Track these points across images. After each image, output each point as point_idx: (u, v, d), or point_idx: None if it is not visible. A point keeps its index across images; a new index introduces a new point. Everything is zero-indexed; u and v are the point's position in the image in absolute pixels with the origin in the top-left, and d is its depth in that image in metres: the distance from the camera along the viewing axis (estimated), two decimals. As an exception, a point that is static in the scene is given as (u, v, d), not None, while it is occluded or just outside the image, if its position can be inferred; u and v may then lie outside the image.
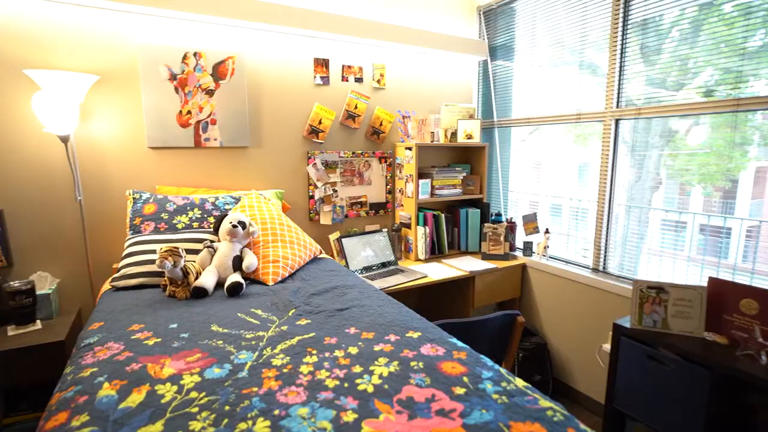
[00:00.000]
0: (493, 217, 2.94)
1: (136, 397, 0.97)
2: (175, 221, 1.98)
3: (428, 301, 3.04)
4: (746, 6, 1.77)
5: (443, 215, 2.88)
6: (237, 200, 2.18)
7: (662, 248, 2.29)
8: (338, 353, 1.18)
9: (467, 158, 3.14)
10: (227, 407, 0.93)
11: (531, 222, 2.82)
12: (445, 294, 2.87)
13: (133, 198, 2.03)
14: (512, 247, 2.91)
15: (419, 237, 2.77)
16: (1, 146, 1.91)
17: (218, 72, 2.33)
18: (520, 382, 1.05)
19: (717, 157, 2.07)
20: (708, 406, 1.59)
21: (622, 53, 2.22)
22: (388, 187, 2.94)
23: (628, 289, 2.20)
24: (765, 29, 1.74)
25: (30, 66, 1.92)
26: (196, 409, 0.93)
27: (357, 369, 1.10)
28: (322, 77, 2.62)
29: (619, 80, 2.25)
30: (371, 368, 1.10)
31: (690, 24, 1.97)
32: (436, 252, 2.89)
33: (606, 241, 2.41)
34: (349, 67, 2.70)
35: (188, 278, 1.64)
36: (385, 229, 2.80)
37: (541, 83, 2.77)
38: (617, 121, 2.29)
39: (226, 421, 0.89)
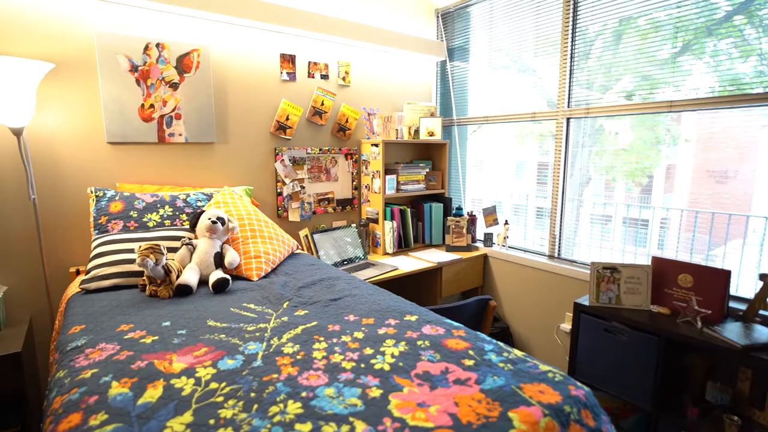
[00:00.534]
0: (454, 211, 3.09)
1: (153, 393, 0.95)
2: (145, 219, 1.89)
3: (398, 292, 3.12)
4: (655, 21, 2.03)
5: (409, 210, 2.98)
6: (209, 197, 2.12)
7: (591, 239, 2.55)
8: (345, 338, 1.22)
9: (428, 155, 3.27)
10: (252, 394, 0.94)
11: (491, 214, 3.00)
12: (414, 285, 2.97)
13: (96, 196, 1.91)
14: (473, 239, 3.07)
15: (387, 231, 2.85)
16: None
17: (183, 65, 2.25)
18: (518, 352, 1.15)
19: (636, 155, 2.35)
20: (656, 369, 1.82)
21: (571, 58, 2.44)
22: (354, 183, 2.99)
23: (581, 272, 2.42)
24: (672, 43, 2.01)
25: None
26: (221, 398, 0.93)
27: (368, 351, 1.15)
28: (288, 73, 2.61)
29: (569, 82, 2.47)
30: (382, 349, 1.15)
31: (613, 35, 2.23)
32: (402, 245, 2.98)
33: (560, 230, 2.63)
34: (315, 63, 2.71)
35: (170, 276, 1.59)
36: (354, 225, 2.85)
37: (495, 83, 2.96)
38: (568, 120, 2.52)
39: (256, 406, 0.90)
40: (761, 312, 1.78)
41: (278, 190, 2.66)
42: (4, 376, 1.78)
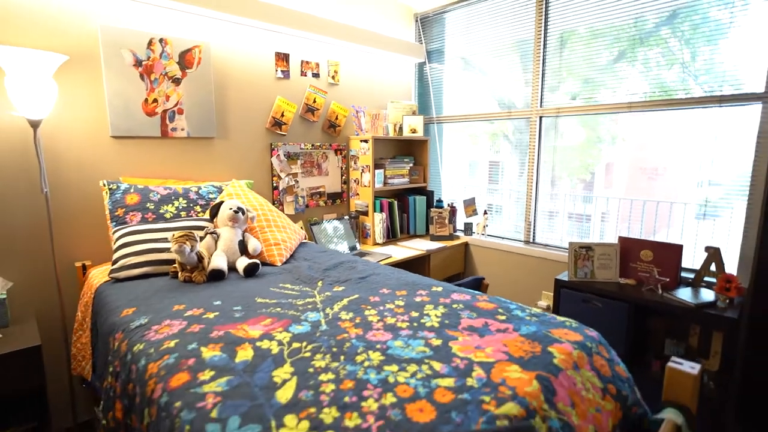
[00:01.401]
0: (436, 203, 3.33)
1: (245, 353, 1.08)
2: (162, 211, 1.95)
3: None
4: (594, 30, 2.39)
5: (395, 202, 3.18)
6: (219, 189, 2.20)
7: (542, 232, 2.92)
8: (389, 305, 1.40)
9: (410, 150, 3.49)
10: (334, 349, 1.10)
11: (470, 205, 3.27)
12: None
13: (110, 189, 1.93)
14: (455, 229, 3.33)
15: (377, 223, 3.03)
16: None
17: (185, 60, 2.30)
18: (536, 309, 1.39)
19: (580, 153, 2.73)
20: (627, 331, 2.15)
21: (543, 62, 2.76)
22: (344, 177, 3.14)
23: (553, 254, 2.74)
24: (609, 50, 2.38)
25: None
26: (308, 354, 1.08)
27: (414, 314, 1.33)
28: (283, 71, 2.72)
29: (542, 84, 2.79)
30: (425, 312, 1.35)
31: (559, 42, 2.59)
32: (390, 236, 3.18)
33: (534, 217, 2.95)
34: (308, 62, 2.84)
35: (203, 263, 1.68)
36: (346, 217, 3.00)
37: (469, 84, 3.23)
38: (541, 119, 2.83)
39: (343, 357, 1.06)
40: (706, 278, 2.17)
41: (274, 184, 2.75)
42: (21, 372, 1.76)
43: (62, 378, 2.05)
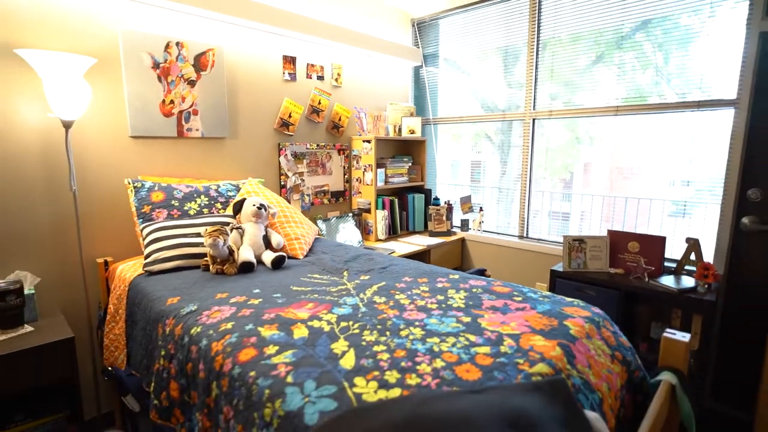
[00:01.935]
0: (433, 201, 3.50)
1: (300, 332, 1.21)
2: (186, 207, 2.05)
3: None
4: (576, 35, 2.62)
5: (396, 200, 3.33)
6: (237, 187, 2.31)
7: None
8: (416, 291, 1.55)
9: (408, 150, 3.65)
10: (378, 326, 1.25)
11: (466, 203, 3.46)
12: (401, 268, 3.33)
13: (134, 187, 2.02)
14: (451, 225, 3.51)
15: (379, 219, 3.18)
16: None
17: (200, 63, 2.40)
18: (546, 292, 1.57)
19: (561, 153, 2.96)
20: (617, 317, 2.37)
21: (536, 67, 2.97)
22: (346, 176, 3.28)
23: (545, 247, 2.95)
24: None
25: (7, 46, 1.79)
26: (357, 331, 1.22)
27: (440, 297, 1.49)
28: (290, 74, 2.84)
29: (535, 88, 2.99)
30: (449, 295, 1.51)
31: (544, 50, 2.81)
32: (391, 233, 3.33)
33: (528, 213, 3.15)
34: (313, 65, 2.97)
35: (233, 255, 1.79)
36: (351, 214, 3.14)
37: (464, 87, 3.42)
38: (534, 120, 3.04)
39: (388, 332, 1.21)
40: (686, 267, 2.40)
41: (282, 183, 2.87)
42: (55, 363, 1.84)
43: (86, 370, 2.13)
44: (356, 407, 0.86)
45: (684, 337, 1.30)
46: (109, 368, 1.97)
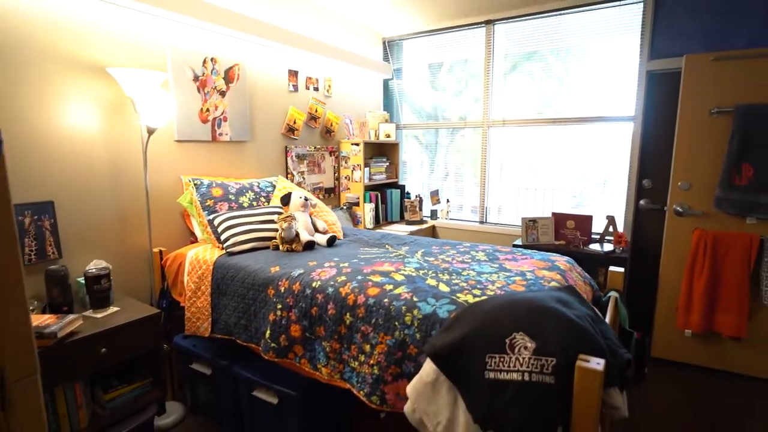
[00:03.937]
0: (406, 195, 4.21)
1: (399, 277, 1.83)
2: (240, 200, 2.51)
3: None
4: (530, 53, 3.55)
5: (378, 195, 3.98)
6: (272, 184, 2.79)
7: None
8: (449, 253, 2.24)
9: (384, 152, 4.32)
10: (445, 272, 1.91)
11: (435, 196, 4.22)
12: (385, 253, 3.98)
13: (195, 184, 2.43)
14: (422, 215, 4.25)
15: (367, 211, 3.80)
16: (50, 141, 2.06)
17: (229, 76, 2.84)
18: (538, 253, 2.34)
19: (476, 153, 3.89)
20: (562, 275, 3.28)
21: (491, 83, 3.81)
22: (336, 174, 3.85)
23: (499, 229, 3.82)
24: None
25: (79, 63, 2.13)
26: (433, 274, 1.87)
27: (468, 258, 2.19)
28: (293, 85, 3.35)
29: (490, 101, 3.84)
30: (473, 255, 2.21)
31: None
32: (376, 222, 3.97)
33: (486, 203, 4.00)
34: (310, 78, 3.50)
35: (298, 237, 2.32)
36: (344, 207, 3.72)
37: (428, 98, 4.19)
38: (489, 128, 3.89)
39: (454, 274, 1.88)
40: (606, 237, 3.40)
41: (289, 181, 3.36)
42: (143, 336, 2.19)
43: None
44: (470, 303, 1.52)
45: (620, 269, 2.16)
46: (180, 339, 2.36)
